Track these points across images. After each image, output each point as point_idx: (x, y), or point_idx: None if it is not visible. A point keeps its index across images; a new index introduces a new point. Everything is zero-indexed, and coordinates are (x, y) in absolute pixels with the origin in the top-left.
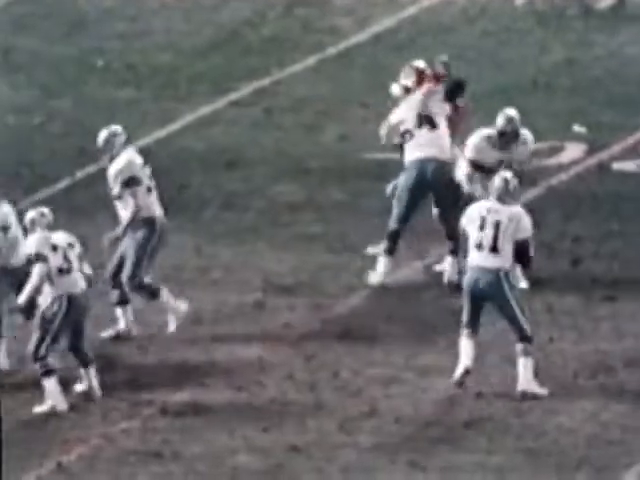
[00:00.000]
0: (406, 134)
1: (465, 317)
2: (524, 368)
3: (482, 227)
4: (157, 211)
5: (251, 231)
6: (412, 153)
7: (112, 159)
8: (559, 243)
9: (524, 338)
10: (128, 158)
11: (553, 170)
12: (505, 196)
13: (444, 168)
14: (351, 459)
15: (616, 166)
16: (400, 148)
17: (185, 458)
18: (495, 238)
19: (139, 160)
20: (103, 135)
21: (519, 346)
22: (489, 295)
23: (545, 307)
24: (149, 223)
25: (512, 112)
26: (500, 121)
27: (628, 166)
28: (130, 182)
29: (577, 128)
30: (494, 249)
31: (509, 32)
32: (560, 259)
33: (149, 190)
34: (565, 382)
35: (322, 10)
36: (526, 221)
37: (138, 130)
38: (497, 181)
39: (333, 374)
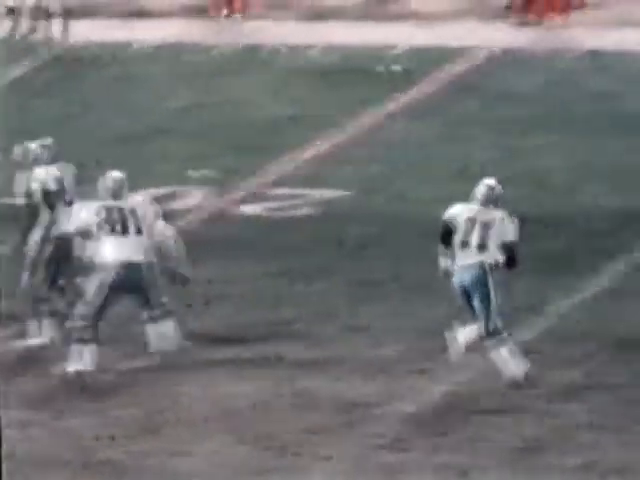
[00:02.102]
0: None
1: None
2: (509, 355)
3: (471, 227)
4: None
5: None
6: None
7: None
8: (193, 285)
9: (489, 333)
10: None
11: (178, 214)
12: (489, 202)
13: None
14: None
15: (242, 209)
16: None
17: None
18: (483, 237)
19: None
20: None
21: (489, 342)
22: (473, 285)
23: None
24: None
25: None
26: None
27: (254, 209)
28: None
29: (203, 172)
30: (482, 247)
31: (136, 79)
32: (195, 301)
33: None
34: (195, 424)
35: None
36: (511, 224)
37: None
38: (481, 188)
39: None
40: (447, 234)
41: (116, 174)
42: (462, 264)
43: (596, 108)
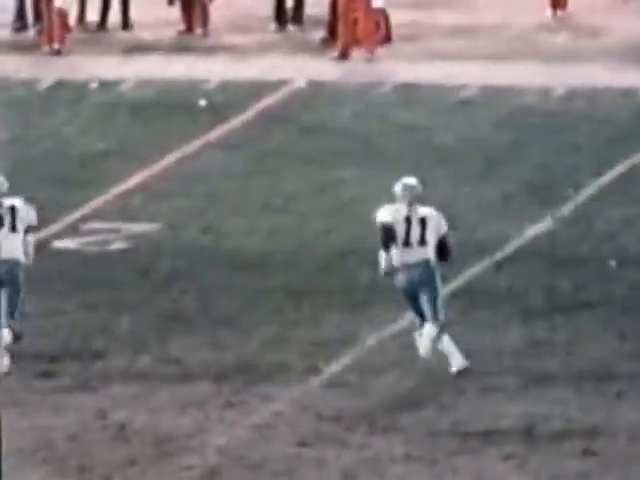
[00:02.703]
0: None
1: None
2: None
3: (410, 225)
4: None
5: None
6: None
7: None
8: None
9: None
10: None
11: None
12: (413, 200)
13: None
14: None
15: (55, 244)
16: None
17: None
18: (422, 233)
19: None
20: None
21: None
22: (422, 283)
23: None
24: None
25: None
26: None
27: (66, 244)
28: None
29: None
30: (423, 242)
31: None
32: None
33: None
34: (13, 455)
35: None
36: (442, 218)
37: None
38: (404, 189)
39: None
40: (389, 237)
41: None
42: (406, 262)
43: (405, 140)
